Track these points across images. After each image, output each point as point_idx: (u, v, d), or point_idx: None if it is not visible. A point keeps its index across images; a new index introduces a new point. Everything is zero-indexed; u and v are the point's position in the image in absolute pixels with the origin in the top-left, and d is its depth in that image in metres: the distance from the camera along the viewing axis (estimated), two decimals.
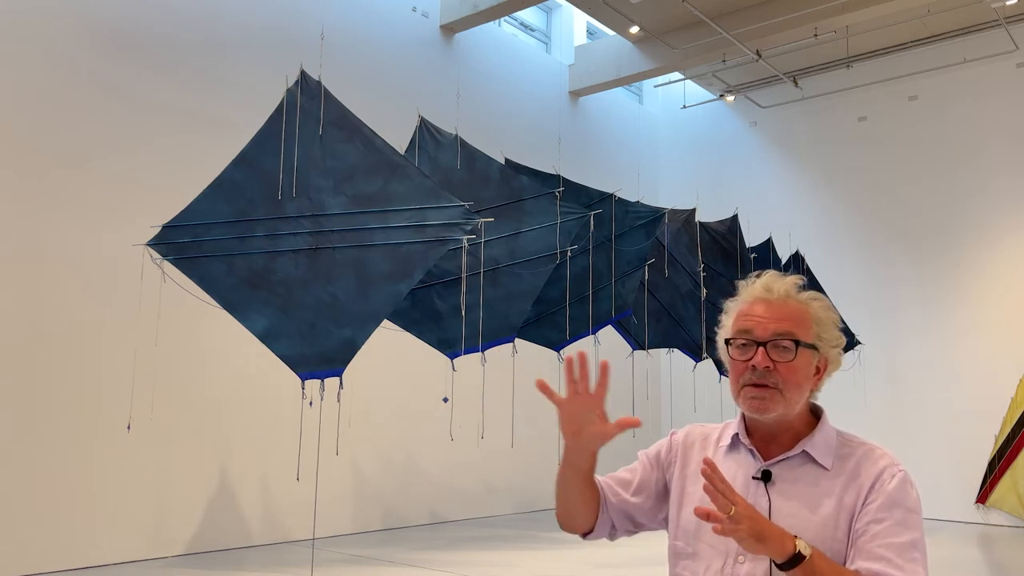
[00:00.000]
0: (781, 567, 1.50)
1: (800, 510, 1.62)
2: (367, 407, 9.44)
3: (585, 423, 1.67)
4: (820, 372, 1.71)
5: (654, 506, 1.89)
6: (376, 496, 10.04)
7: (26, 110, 7.50)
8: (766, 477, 1.68)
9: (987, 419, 11.61)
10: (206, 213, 6.65)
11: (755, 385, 1.66)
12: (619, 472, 1.95)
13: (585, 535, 1.92)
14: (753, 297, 1.73)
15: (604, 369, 1.62)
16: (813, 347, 1.68)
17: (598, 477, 1.91)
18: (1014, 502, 11.27)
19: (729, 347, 1.72)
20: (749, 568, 1.63)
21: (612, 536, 1.93)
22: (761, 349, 1.66)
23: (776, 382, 1.64)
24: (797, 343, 1.65)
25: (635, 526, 1.92)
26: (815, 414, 1.75)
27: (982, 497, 11.52)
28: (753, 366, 1.66)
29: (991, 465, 11.49)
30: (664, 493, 1.87)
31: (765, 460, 1.71)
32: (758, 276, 1.76)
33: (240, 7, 9.19)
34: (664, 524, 1.89)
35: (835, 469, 1.66)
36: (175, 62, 8.58)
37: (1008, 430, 11.47)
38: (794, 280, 1.72)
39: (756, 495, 1.67)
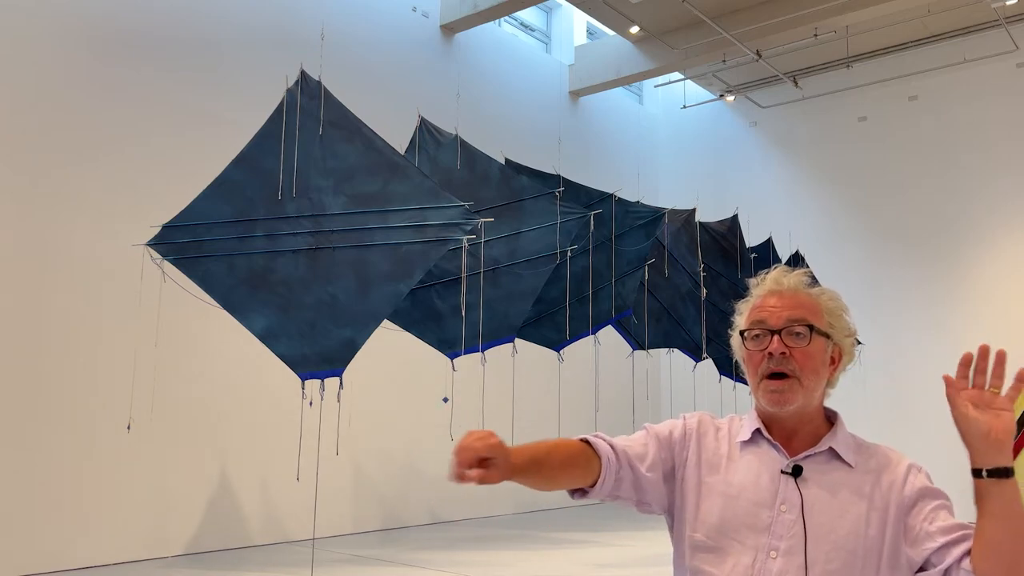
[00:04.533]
0: (993, 473, 1.50)
1: (832, 506, 1.63)
2: (367, 407, 9.43)
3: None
4: (835, 362, 1.74)
5: (661, 485, 1.83)
6: (376, 496, 10.03)
7: (26, 110, 7.50)
8: (796, 472, 1.67)
9: None
10: (206, 213, 6.65)
11: (774, 377, 1.67)
12: (627, 443, 1.82)
13: (574, 494, 1.79)
14: (765, 291, 1.76)
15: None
16: (826, 335, 1.71)
17: (614, 443, 1.80)
18: None
19: (744, 340, 1.74)
20: (782, 564, 1.60)
21: (604, 500, 1.83)
22: (776, 336, 1.68)
23: (793, 369, 1.66)
24: (811, 328, 1.68)
25: (640, 503, 1.82)
26: (829, 419, 1.76)
27: None
28: (770, 353, 1.67)
29: None
30: (670, 474, 1.82)
31: (789, 456, 1.71)
32: (767, 273, 1.80)
33: (240, 7, 9.19)
34: (662, 507, 1.83)
35: (859, 468, 1.68)
36: (175, 62, 8.57)
37: None
38: (802, 274, 1.76)
39: (787, 490, 1.66)
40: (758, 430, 1.76)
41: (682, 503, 1.79)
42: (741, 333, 1.75)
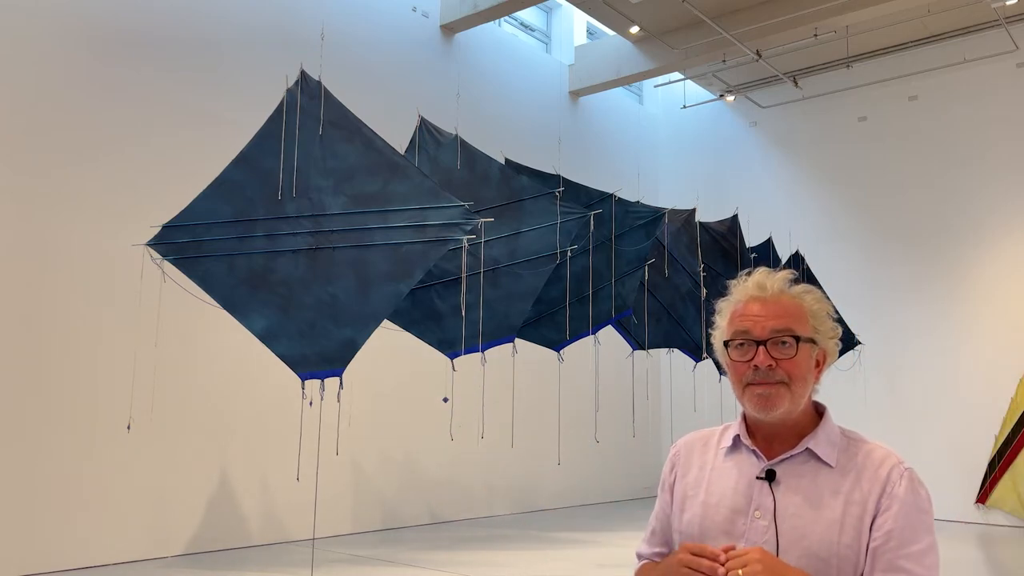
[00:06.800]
0: None
1: (805, 510, 1.60)
2: (367, 407, 9.44)
3: None
4: (820, 365, 1.69)
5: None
6: (376, 496, 10.04)
7: (25, 110, 7.50)
8: (770, 476, 1.65)
9: (987, 419, 11.61)
10: (206, 213, 6.65)
11: (760, 383, 1.64)
12: (649, 526, 1.91)
13: None
14: (747, 296, 1.71)
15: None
16: (811, 341, 1.66)
17: (643, 552, 1.89)
18: (1014, 502, 11.26)
19: (728, 349, 1.70)
20: None
21: None
22: (761, 348, 1.64)
23: (781, 378, 1.63)
24: (797, 338, 1.64)
25: None
26: (818, 412, 1.72)
27: (982, 497, 11.51)
28: (755, 366, 1.63)
29: (991, 465, 11.49)
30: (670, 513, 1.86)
31: (768, 460, 1.68)
32: (748, 274, 1.74)
33: (240, 7, 9.19)
34: None
35: (840, 467, 1.63)
36: (175, 62, 8.57)
37: (1008, 430, 11.46)
38: (785, 275, 1.71)
39: (760, 495, 1.64)
40: (738, 436, 1.74)
41: (672, 523, 1.81)
42: (725, 343, 1.71)
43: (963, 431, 11.72)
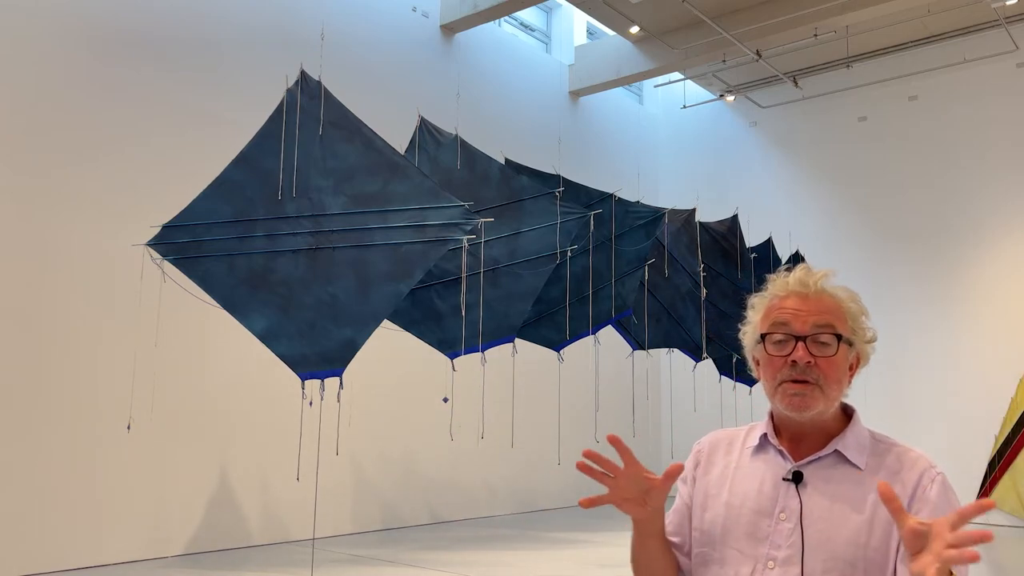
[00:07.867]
0: None
1: (832, 513, 1.56)
2: (367, 407, 9.44)
3: (642, 491, 1.64)
4: (853, 368, 1.65)
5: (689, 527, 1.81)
6: (376, 496, 10.04)
7: (25, 110, 7.50)
8: (797, 478, 1.60)
9: (987, 419, 11.61)
10: (206, 213, 6.65)
11: (795, 381, 1.59)
12: (667, 518, 1.85)
13: None
14: (787, 291, 1.65)
15: (614, 442, 1.59)
16: (850, 342, 1.62)
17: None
18: (1014, 502, 11.26)
19: (765, 342, 1.64)
20: (779, 573, 1.56)
21: None
22: (801, 343, 1.59)
23: (817, 378, 1.58)
24: (839, 337, 1.60)
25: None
26: (846, 413, 1.68)
27: (982, 497, 11.51)
28: (793, 361, 1.58)
29: (991, 465, 11.48)
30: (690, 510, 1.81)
31: (795, 461, 1.63)
32: (788, 270, 1.69)
33: (240, 7, 9.19)
34: None
35: (869, 470, 1.59)
36: (175, 62, 8.58)
37: (1008, 430, 11.46)
38: (825, 273, 1.67)
39: (786, 497, 1.60)
40: (765, 435, 1.70)
41: (693, 521, 1.77)
42: (762, 336, 1.65)
43: (963, 431, 11.72)
